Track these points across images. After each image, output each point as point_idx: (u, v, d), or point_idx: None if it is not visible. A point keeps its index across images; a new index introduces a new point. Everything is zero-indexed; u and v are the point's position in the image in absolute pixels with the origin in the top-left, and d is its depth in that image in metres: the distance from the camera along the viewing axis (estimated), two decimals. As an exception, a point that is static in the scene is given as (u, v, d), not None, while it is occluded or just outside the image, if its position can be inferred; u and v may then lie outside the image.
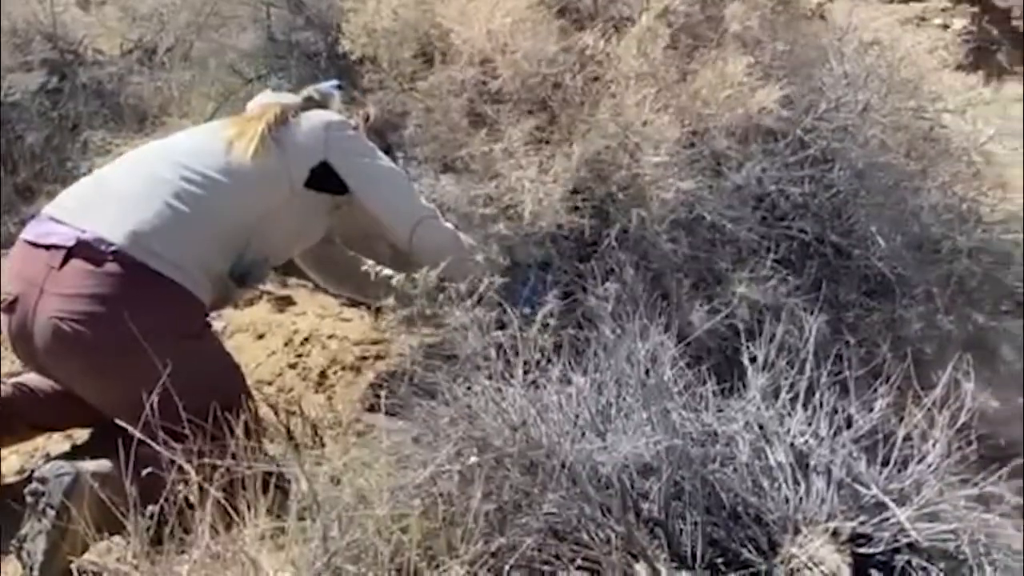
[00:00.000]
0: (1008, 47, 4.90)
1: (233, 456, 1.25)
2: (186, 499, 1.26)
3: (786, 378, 1.57)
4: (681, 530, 1.43)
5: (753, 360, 1.60)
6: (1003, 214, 2.42)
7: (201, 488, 1.23)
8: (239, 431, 1.30)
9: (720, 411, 1.57)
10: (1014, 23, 5.12)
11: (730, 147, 2.04)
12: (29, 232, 1.75)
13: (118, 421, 1.39)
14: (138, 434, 1.30)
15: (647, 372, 1.58)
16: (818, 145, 2.25)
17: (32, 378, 1.86)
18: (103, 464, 1.55)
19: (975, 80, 2.37)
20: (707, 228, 2.06)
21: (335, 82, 2.01)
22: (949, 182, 2.33)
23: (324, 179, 1.84)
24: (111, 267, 1.63)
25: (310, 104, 1.93)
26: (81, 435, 2.00)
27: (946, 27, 4.67)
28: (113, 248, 1.64)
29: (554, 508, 1.40)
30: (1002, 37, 5.03)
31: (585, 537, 1.37)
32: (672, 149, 1.91)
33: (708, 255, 2.08)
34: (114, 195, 1.74)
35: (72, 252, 1.65)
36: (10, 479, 1.85)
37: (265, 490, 1.29)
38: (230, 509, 1.25)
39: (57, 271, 1.64)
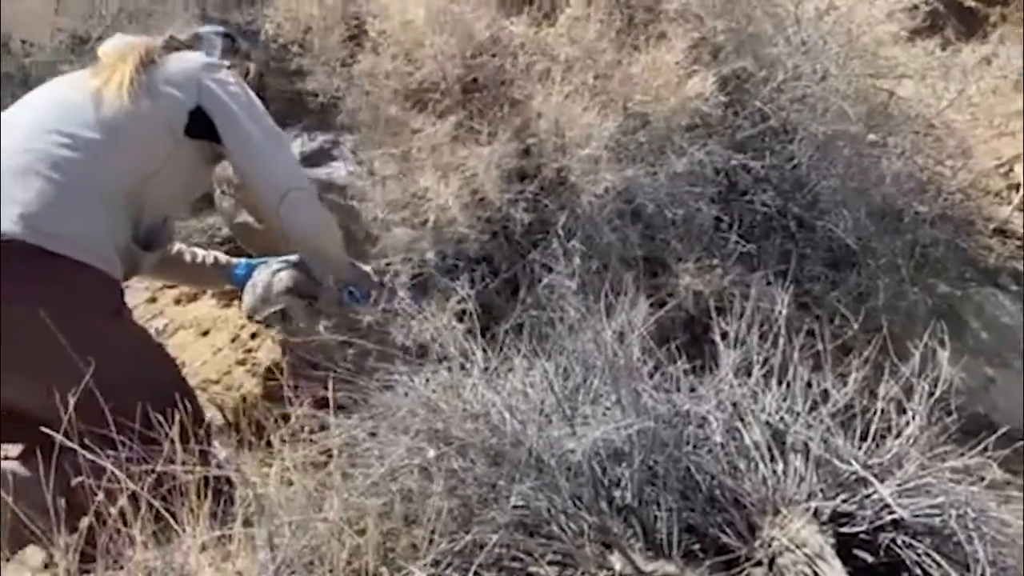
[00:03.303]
0: (955, 22, 4.98)
1: (171, 460, 1.13)
2: (121, 511, 1.14)
3: (758, 354, 1.51)
4: (656, 517, 1.36)
5: (724, 336, 1.53)
6: (963, 182, 2.40)
7: (134, 497, 1.12)
8: (175, 430, 1.18)
9: (692, 390, 1.50)
10: (960, -1, 5.22)
11: (673, 131, 1.95)
12: None
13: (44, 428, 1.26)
14: (64, 440, 1.17)
15: (615, 353, 1.51)
16: (778, 117, 2.20)
17: None
18: (20, 470, 1.41)
19: (932, 46, 2.34)
20: (653, 214, 1.98)
21: (221, 28, 1.83)
22: (910, 151, 2.30)
23: (201, 125, 1.66)
24: (6, 258, 1.46)
25: (174, 45, 1.75)
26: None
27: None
28: (4, 238, 1.47)
29: (522, 500, 1.32)
30: (949, 13, 5.12)
31: (556, 529, 1.29)
32: (610, 139, 1.83)
33: (662, 239, 2.01)
34: None
35: None
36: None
37: (208, 496, 1.18)
38: (169, 519, 1.14)
39: None
